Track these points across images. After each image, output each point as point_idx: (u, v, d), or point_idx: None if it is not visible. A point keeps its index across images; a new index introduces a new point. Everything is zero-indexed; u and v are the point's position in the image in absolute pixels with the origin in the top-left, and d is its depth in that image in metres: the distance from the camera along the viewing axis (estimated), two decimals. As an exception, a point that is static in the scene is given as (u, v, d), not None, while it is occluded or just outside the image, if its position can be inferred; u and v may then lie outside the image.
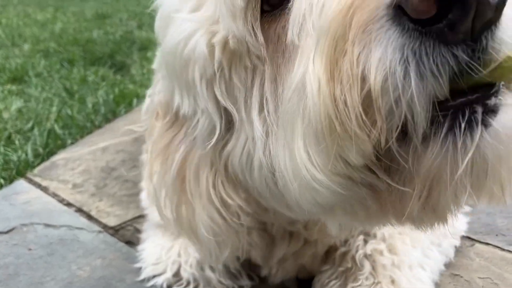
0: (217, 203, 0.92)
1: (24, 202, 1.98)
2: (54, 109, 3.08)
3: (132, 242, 1.69)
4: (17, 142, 2.62)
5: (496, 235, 1.67)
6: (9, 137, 2.73)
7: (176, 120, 0.98)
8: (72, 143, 2.60)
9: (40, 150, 2.49)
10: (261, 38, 0.75)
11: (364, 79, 0.60)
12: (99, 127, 2.81)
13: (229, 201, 0.92)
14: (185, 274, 1.41)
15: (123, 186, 2.09)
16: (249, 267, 1.38)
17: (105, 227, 1.80)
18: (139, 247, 1.59)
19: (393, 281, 1.18)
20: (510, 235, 1.66)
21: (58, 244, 1.71)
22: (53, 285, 1.50)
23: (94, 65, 4.25)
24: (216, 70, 0.80)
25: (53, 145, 2.55)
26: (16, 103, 3.26)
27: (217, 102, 0.84)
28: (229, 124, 0.86)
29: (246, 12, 0.74)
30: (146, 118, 1.12)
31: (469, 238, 1.65)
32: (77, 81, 3.77)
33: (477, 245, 1.62)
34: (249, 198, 0.94)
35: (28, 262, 1.61)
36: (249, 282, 1.37)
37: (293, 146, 0.69)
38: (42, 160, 2.40)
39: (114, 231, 1.78)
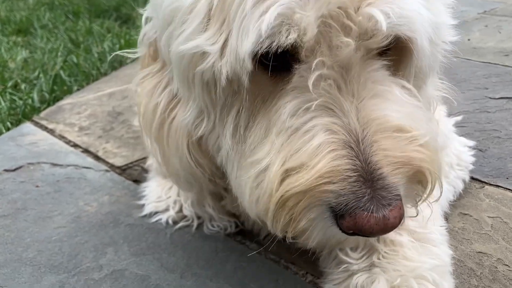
0: (191, 162, 1.07)
1: (31, 143, 1.98)
2: (59, 59, 3.04)
3: (139, 180, 1.68)
4: (23, 89, 2.60)
5: (507, 178, 1.64)
6: (15, 85, 2.71)
7: (164, 66, 1.06)
8: (78, 90, 2.57)
9: (46, 95, 2.48)
10: (250, 79, 0.83)
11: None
12: (105, 74, 2.78)
13: (200, 161, 1.08)
14: (187, 212, 1.45)
15: (129, 129, 2.07)
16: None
17: (112, 167, 1.80)
18: (143, 185, 1.60)
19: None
20: (521, 178, 1.64)
21: (65, 182, 1.71)
22: (60, 219, 1.51)
23: (99, 17, 4.18)
24: (212, 80, 0.88)
25: (59, 91, 2.53)
26: (22, 54, 3.23)
27: (204, 96, 0.92)
28: (208, 112, 0.96)
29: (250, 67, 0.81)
30: (139, 49, 1.18)
31: (479, 180, 1.63)
32: (83, 32, 3.71)
33: (487, 187, 1.60)
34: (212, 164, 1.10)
35: (35, 198, 1.62)
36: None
37: (245, 184, 0.90)
38: (48, 105, 2.38)
39: (121, 170, 1.77)
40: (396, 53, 0.87)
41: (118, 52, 1.25)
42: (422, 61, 0.88)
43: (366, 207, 0.76)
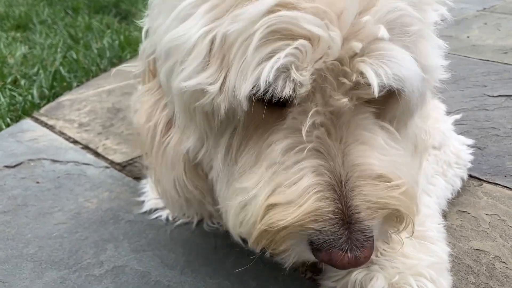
0: (188, 184, 1.12)
1: (31, 140, 1.98)
2: (59, 55, 3.04)
3: (139, 177, 1.69)
4: (23, 85, 2.60)
5: (505, 176, 1.65)
6: (15, 81, 2.71)
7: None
8: (77, 86, 2.58)
9: (46, 91, 2.48)
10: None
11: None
12: (105, 70, 2.78)
13: (197, 183, 1.13)
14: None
15: (129, 126, 2.07)
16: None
17: (112, 163, 1.80)
18: (143, 181, 1.61)
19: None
20: (519, 176, 1.65)
21: (65, 178, 1.72)
22: (61, 215, 1.51)
23: (98, 13, 4.18)
24: (211, 112, 0.91)
25: (58, 87, 2.53)
26: (21, 49, 3.22)
27: (205, 125, 0.95)
28: (207, 138, 1.00)
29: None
30: (139, 63, 1.19)
31: (477, 178, 1.64)
32: (82, 28, 3.71)
33: (485, 185, 1.61)
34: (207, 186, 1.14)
35: (36, 194, 1.62)
36: None
37: (231, 206, 0.95)
38: (48, 101, 2.39)
39: (121, 167, 1.78)
40: (383, 98, 0.89)
41: (119, 67, 1.27)
42: (408, 107, 0.93)
43: (342, 247, 0.84)
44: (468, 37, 3.33)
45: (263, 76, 0.77)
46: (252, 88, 0.80)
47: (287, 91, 0.79)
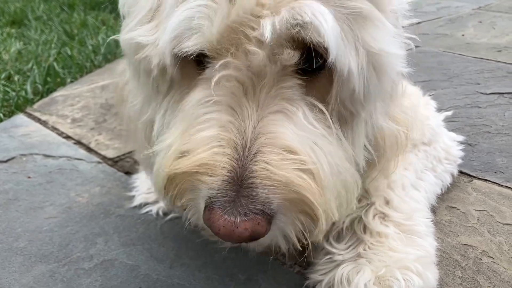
0: (144, 142, 1.09)
1: (23, 135, 1.98)
2: (53, 51, 3.04)
3: (131, 172, 1.69)
4: (16, 81, 2.60)
5: (495, 172, 1.66)
6: (8, 77, 2.71)
7: None
8: (71, 82, 2.58)
9: (40, 87, 2.48)
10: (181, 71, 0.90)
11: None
12: (99, 66, 2.78)
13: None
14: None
15: (122, 121, 2.07)
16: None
17: (104, 159, 1.80)
18: (134, 176, 1.61)
19: (387, 202, 1.19)
20: (509, 172, 1.65)
21: (57, 173, 1.72)
22: (52, 209, 1.52)
23: (94, 9, 4.18)
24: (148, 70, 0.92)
25: (52, 83, 2.53)
26: (16, 45, 3.22)
27: (148, 84, 0.96)
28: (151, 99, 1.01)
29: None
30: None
31: (467, 174, 1.65)
32: (77, 24, 3.71)
33: (475, 181, 1.61)
34: None
35: (27, 189, 1.62)
36: None
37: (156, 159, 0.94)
38: (42, 97, 2.39)
39: (113, 162, 1.78)
40: (327, 79, 0.87)
41: (112, 37, 1.26)
42: (348, 90, 0.86)
43: (223, 206, 0.78)
44: (462, 35, 3.33)
45: (171, 26, 0.78)
46: (170, 41, 0.80)
47: (195, 43, 0.79)
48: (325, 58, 0.80)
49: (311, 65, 0.85)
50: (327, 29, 0.76)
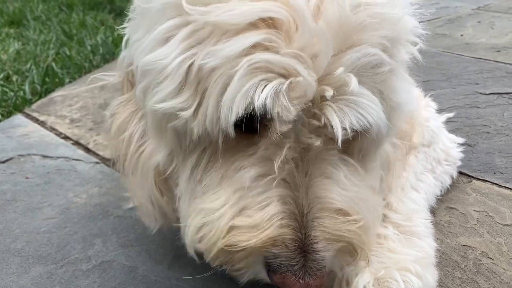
0: (158, 194, 1.13)
1: (22, 135, 1.98)
2: (52, 51, 3.03)
3: (129, 173, 1.68)
4: (15, 81, 2.59)
5: (494, 172, 1.66)
6: (7, 77, 2.70)
7: None
8: (70, 82, 2.57)
9: (38, 87, 2.47)
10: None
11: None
12: (98, 67, 2.77)
13: (166, 194, 1.14)
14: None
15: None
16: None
17: (103, 159, 1.80)
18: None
19: (386, 203, 1.19)
20: (508, 173, 1.65)
21: (55, 173, 1.71)
22: (50, 210, 1.51)
23: (93, 9, 4.17)
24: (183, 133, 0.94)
25: (51, 83, 2.52)
26: (14, 45, 3.21)
27: (175, 142, 0.98)
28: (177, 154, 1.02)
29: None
30: (118, 73, 1.21)
31: (466, 175, 1.64)
32: (76, 25, 3.70)
33: (474, 181, 1.61)
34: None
35: (25, 189, 1.62)
36: None
37: (191, 222, 0.97)
38: (40, 97, 2.38)
39: (112, 163, 1.77)
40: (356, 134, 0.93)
41: (96, 75, 1.28)
42: (373, 143, 0.97)
43: (296, 273, 0.89)
44: (461, 35, 3.33)
45: (260, 98, 0.80)
46: (243, 113, 0.82)
47: (277, 110, 0.81)
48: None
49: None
50: (374, 125, 0.87)
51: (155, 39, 0.90)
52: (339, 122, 0.83)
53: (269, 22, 0.80)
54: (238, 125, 0.85)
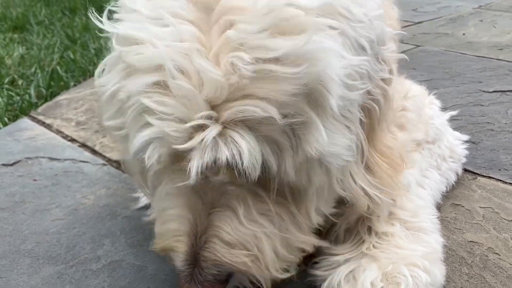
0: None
1: (28, 138, 1.99)
2: (56, 55, 3.05)
3: (136, 174, 1.69)
4: (20, 85, 2.61)
5: (499, 169, 1.67)
6: (12, 81, 2.72)
7: None
8: (75, 85, 2.59)
9: (43, 91, 2.49)
10: None
11: None
12: (102, 70, 2.79)
13: None
14: None
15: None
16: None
17: (109, 161, 1.81)
18: (138, 178, 1.62)
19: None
20: (513, 169, 1.66)
21: (62, 175, 1.73)
22: (58, 211, 1.52)
23: (96, 13, 4.18)
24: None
25: (56, 87, 2.54)
26: (19, 50, 3.24)
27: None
28: None
29: None
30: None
31: (471, 172, 1.65)
32: (79, 28, 3.72)
33: (480, 178, 1.62)
34: None
35: (33, 191, 1.63)
36: None
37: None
38: (45, 101, 2.40)
39: (118, 164, 1.79)
40: None
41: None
42: (287, 182, 0.94)
43: (186, 278, 0.99)
44: (464, 34, 3.34)
45: (135, 144, 0.90)
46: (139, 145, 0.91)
47: (151, 161, 0.90)
48: None
49: None
50: (246, 161, 0.85)
51: (105, 63, 1.01)
52: (196, 158, 0.85)
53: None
54: None
